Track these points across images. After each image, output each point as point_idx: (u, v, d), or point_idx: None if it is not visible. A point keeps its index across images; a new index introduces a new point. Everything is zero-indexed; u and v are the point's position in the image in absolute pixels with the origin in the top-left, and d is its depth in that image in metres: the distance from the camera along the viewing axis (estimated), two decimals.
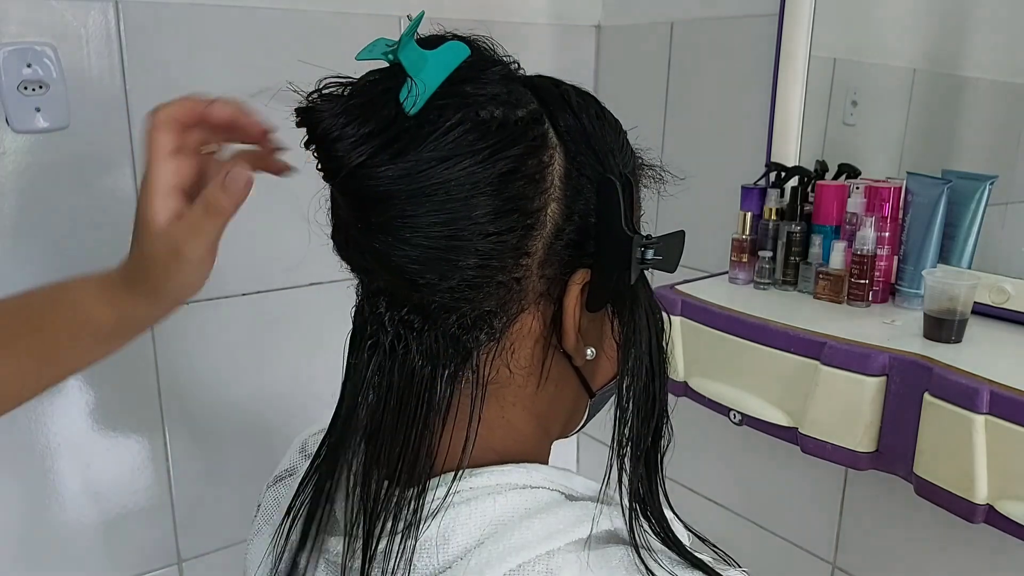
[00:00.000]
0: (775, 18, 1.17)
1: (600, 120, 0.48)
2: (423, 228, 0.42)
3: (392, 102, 0.42)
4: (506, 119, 0.43)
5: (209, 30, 1.10)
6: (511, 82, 0.45)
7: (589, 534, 0.44)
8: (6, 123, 0.97)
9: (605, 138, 0.47)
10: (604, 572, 0.43)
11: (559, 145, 0.45)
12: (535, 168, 0.43)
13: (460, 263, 0.42)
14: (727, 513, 1.37)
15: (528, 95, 0.45)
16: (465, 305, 0.44)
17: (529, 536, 0.43)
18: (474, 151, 0.42)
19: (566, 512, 0.45)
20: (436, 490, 0.45)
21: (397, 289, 0.45)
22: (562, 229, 0.45)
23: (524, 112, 0.44)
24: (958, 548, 1.03)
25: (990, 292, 0.96)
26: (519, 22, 1.39)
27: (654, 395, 0.49)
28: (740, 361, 1.02)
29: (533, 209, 0.43)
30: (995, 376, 0.79)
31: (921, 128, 1.11)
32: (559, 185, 0.44)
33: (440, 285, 0.43)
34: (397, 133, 0.41)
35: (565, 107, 0.46)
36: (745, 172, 1.22)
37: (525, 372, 0.48)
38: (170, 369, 1.16)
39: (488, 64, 0.46)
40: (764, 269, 1.12)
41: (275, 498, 0.59)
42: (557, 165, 0.45)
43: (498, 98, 0.43)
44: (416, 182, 0.41)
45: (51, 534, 1.12)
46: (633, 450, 0.48)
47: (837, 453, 0.92)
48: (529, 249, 0.44)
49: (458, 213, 0.42)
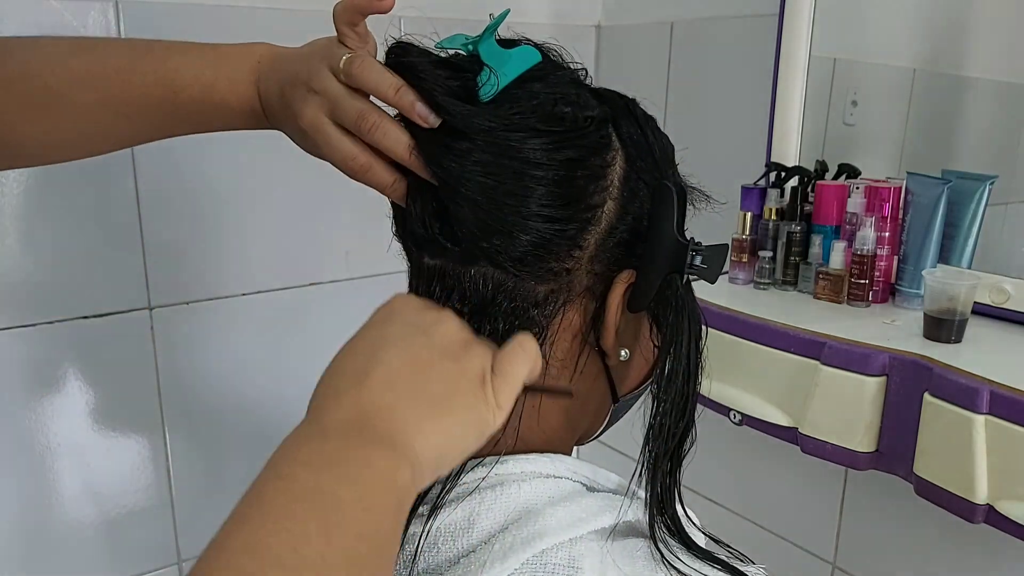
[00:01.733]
0: (775, 18, 1.17)
1: (659, 134, 0.51)
2: (490, 182, 0.44)
3: (471, 81, 0.45)
4: (575, 115, 0.45)
5: (209, 30, 1.10)
6: (579, 86, 0.49)
7: (614, 525, 0.45)
8: None
9: (664, 150, 0.50)
10: (626, 562, 0.44)
11: (621, 149, 0.48)
12: (598, 165, 0.46)
13: (516, 236, 0.44)
14: (727, 513, 1.37)
15: (594, 100, 0.48)
16: (516, 287, 0.45)
17: (553, 523, 0.44)
18: (547, 132, 0.44)
19: (589, 502, 0.46)
20: (465, 474, 0.46)
21: (451, 265, 0.46)
22: (615, 228, 0.47)
23: (592, 113, 0.46)
24: (958, 548, 1.03)
25: (990, 292, 0.96)
26: (519, 22, 1.39)
27: (687, 397, 0.50)
28: (740, 361, 1.02)
29: (592, 204, 0.46)
30: (995, 376, 0.79)
31: (921, 128, 1.11)
32: (618, 185, 0.47)
33: (495, 257, 0.45)
34: (476, 96, 0.45)
35: (629, 116, 0.49)
36: (745, 172, 1.22)
37: (560, 365, 0.49)
38: (170, 369, 1.16)
39: (557, 68, 0.49)
40: (764, 269, 1.12)
41: None
42: (618, 167, 0.47)
43: (567, 97, 0.46)
44: (494, 136, 0.44)
45: (51, 534, 1.12)
46: (662, 447, 0.49)
47: (837, 453, 0.92)
48: (582, 242, 0.46)
49: (523, 184, 0.44)
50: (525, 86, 0.46)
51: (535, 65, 0.47)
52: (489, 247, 0.44)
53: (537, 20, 1.42)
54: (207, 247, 1.17)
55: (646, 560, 0.45)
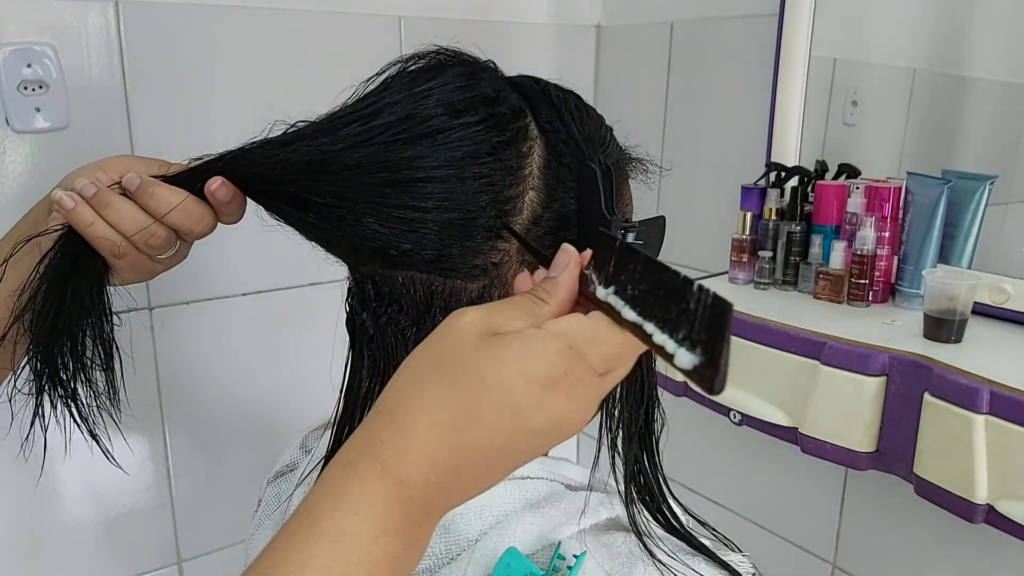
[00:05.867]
0: (775, 18, 1.17)
1: (580, 112, 0.49)
2: (391, 200, 0.43)
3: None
4: (488, 112, 0.45)
5: (209, 30, 1.10)
6: (496, 82, 0.48)
7: (594, 523, 0.45)
8: (6, 123, 0.97)
9: (585, 129, 0.49)
10: (607, 559, 0.43)
11: (540, 136, 0.47)
12: (512, 157, 0.45)
13: (427, 235, 0.44)
14: (727, 513, 1.37)
15: (511, 93, 0.47)
16: (447, 287, 0.45)
17: (535, 530, 0.44)
18: (452, 138, 0.44)
19: (567, 504, 0.45)
20: None
21: (379, 271, 0.46)
22: (540, 217, 0.46)
23: (505, 108, 0.46)
24: (958, 548, 1.03)
25: (990, 292, 0.96)
26: (519, 22, 1.39)
27: (641, 378, 0.49)
28: (740, 361, 1.02)
29: (509, 196, 0.45)
30: (995, 376, 0.79)
31: (921, 128, 1.11)
32: (537, 174, 0.46)
33: (414, 257, 0.44)
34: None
35: (546, 101, 0.48)
36: (745, 172, 1.22)
37: None
38: (170, 369, 1.16)
39: (469, 69, 0.48)
40: (764, 269, 1.12)
41: (276, 493, 0.59)
42: (536, 155, 0.46)
43: (485, 97, 0.45)
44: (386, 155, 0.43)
45: (51, 534, 1.12)
46: (625, 433, 0.48)
47: (837, 453, 0.92)
48: (503, 234, 0.45)
49: (428, 189, 0.43)
50: (418, 90, 0.45)
51: (452, 72, 0.47)
52: (399, 254, 0.44)
53: (537, 20, 1.42)
54: (207, 247, 1.16)
55: (628, 555, 0.44)
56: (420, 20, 1.27)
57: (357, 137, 0.44)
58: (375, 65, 0.50)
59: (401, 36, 1.25)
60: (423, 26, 1.27)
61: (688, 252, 1.33)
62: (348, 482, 0.34)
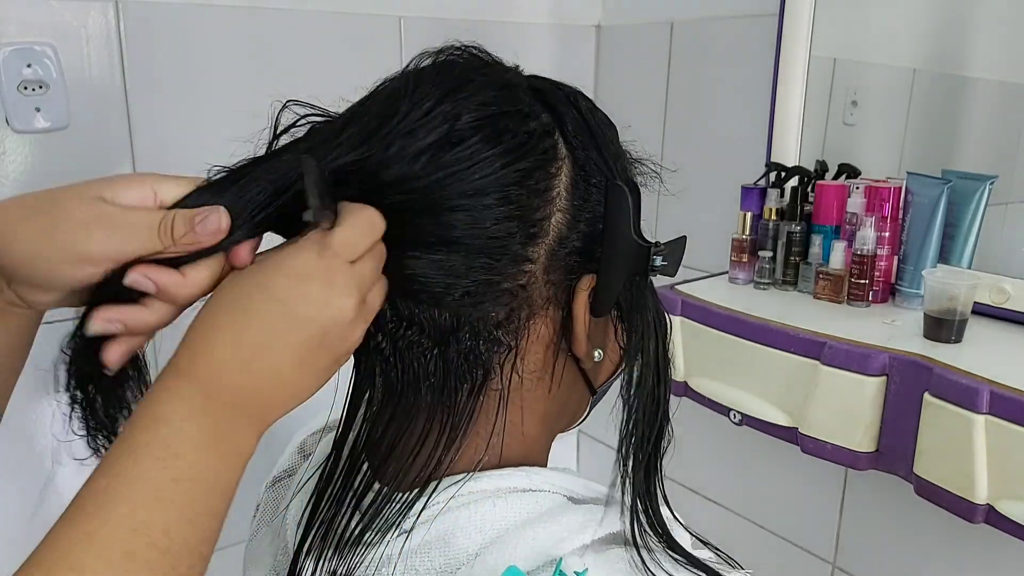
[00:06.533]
0: (775, 18, 1.17)
1: (608, 126, 0.48)
2: (425, 234, 0.42)
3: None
4: (521, 134, 0.43)
5: (209, 30, 1.10)
6: (524, 96, 0.45)
7: (595, 539, 0.44)
8: (6, 123, 0.97)
9: (611, 143, 0.47)
10: (604, 574, 0.43)
11: (568, 156, 0.45)
12: (541, 179, 0.44)
13: (455, 268, 0.42)
14: (727, 513, 1.37)
15: (538, 106, 0.45)
16: (475, 315, 0.44)
17: (536, 546, 0.43)
18: (481, 160, 0.42)
19: (570, 518, 0.45)
20: (439, 494, 0.45)
21: (403, 305, 0.44)
22: (566, 237, 0.45)
23: (536, 124, 0.44)
24: (958, 548, 1.03)
25: (990, 292, 0.96)
26: (519, 22, 1.39)
27: (658, 399, 0.49)
28: (740, 361, 1.02)
29: (536, 219, 0.44)
30: (995, 376, 0.79)
31: (921, 128, 1.11)
32: (564, 195, 0.45)
33: (445, 299, 0.43)
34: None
35: (573, 114, 0.46)
36: (745, 172, 1.22)
37: (535, 377, 0.48)
38: None
39: (491, 71, 0.46)
40: (764, 269, 1.12)
41: (274, 499, 0.58)
42: (564, 176, 0.45)
43: (517, 114, 0.44)
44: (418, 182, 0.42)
45: None
46: (636, 453, 0.48)
47: (837, 453, 0.92)
48: (531, 256, 0.44)
49: (460, 219, 0.42)
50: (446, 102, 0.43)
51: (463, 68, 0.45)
52: (430, 296, 0.43)
53: (537, 20, 1.42)
54: None
55: (628, 572, 0.43)
56: (420, 20, 1.27)
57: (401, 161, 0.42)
58: (375, 65, 0.50)
59: (401, 36, 1.25)
60: (423, 26, 1.27)
61: (688, 252, 1.32)
62: (156, 402, 0.38)
